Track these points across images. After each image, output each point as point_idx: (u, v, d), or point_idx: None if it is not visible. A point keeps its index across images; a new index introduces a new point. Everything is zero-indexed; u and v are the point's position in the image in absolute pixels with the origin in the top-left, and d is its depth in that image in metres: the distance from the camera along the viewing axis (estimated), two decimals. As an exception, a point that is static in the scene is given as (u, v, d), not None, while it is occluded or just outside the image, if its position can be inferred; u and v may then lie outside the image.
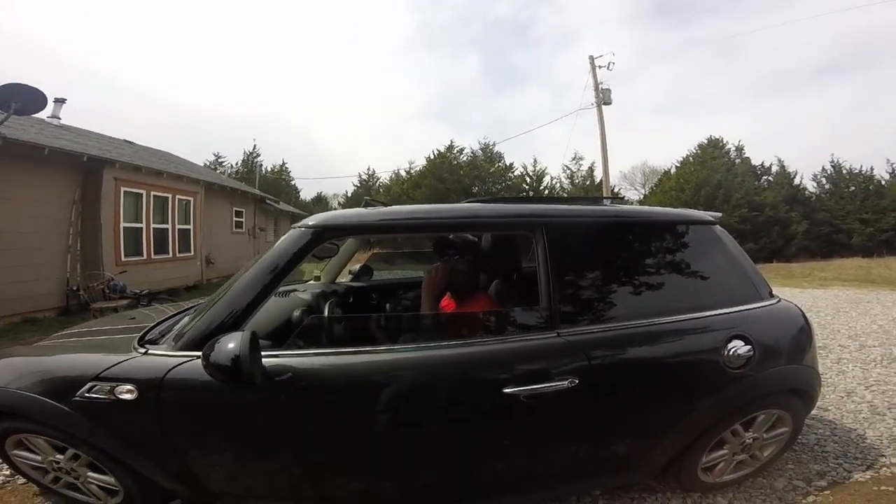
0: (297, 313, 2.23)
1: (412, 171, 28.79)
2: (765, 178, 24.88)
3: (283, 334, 1.77)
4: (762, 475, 2.06)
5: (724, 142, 25.94)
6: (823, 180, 25.31)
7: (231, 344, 1.29)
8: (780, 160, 25.07)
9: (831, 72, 60.39)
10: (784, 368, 1.81)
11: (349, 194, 33.00)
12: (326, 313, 2.13)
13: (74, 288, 7.06)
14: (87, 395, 1.50)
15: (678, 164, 26.87)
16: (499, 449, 1.61)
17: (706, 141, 26.19)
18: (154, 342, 1.68)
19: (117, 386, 1.48)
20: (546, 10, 64.92)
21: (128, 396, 1.47)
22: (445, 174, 26.42)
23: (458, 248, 2.01)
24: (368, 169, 34.41)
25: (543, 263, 1.65)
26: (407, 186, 27.35)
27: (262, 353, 1.40)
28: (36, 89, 6.12)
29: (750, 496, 1.96)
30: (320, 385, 1.50)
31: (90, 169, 7.34)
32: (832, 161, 25.13)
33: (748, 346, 1.69)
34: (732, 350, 1.68)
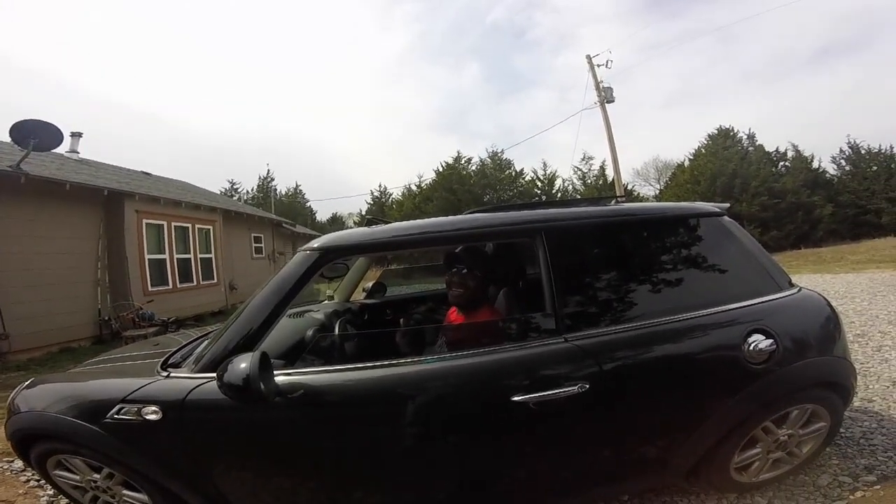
0: (310, 333, 2.29)
1: (422, 185, 29.02)
2: (781, 164, 24.24)
3: (297, 353, 1.82)
4: (803, 472, 1.97)
5: (735, 130, 25.39)
6: (843, 162, 24.51)
7: (242, 364, 1.35)
8: (794, 145, 24.45)
9: (837, 51, 58.68)
10: (812, 361, 1.72)
11: (363, 212, 33.39)
12: (336, 331, 2.20)
13: (106, 318, 7.35)
14: (115, 416, 1.57)
15: (691, 157, 26.44)
16: (513, 458, 1.61)
17: (716, 131, 25.67)
18: (176, 365, 1.76)
19: (143, 407, 1.55)
20: (541, 12, 65.11)
21: (153, 417, 1.54)
22: (455, 185, 26.54)
23: (466, 262, 2.02)
24: (380, 186, 34.80)
25: (546, 269, 1.65)
26: (418, 200, 27.53)
27: (276, 372, 1.44)
28: (52, 125, 6.43)
29: (791, 494, 1.87)
30: (331, 401, 1.54)
31: (111, 202, 7.66)
32: (849, 142, 24.35)
33: (770, 340, 1.62)
34: (753, 345, 1.61)
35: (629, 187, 26.83)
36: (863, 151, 23.90)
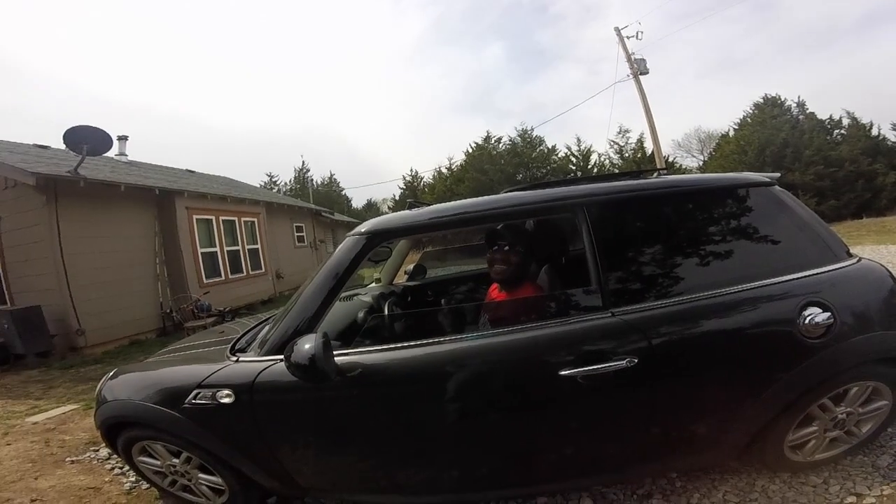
0: (361, 314, 2.40)
1: (453, 167, 28.90)
2: (837, 132, 22.40)
3: (351, 335, 1.92)
4: (862, 452, 1.90)
5: (783, 99, 23.64)
6: (905, 128, 22.35)
7: (307, 345, 1.44)
8: (850, 112, 22.46)
9: (880, 16, 53.03)
10: (873, 336, 1.63)
11: (396, 197, 33.68)
12: (386, 312, 2.29)
13: (168, 311, 7.86)
14: (193, 401, 1.69)
15: (735, 127, 24.90)
16: (561, 433, 1.63)
17: (762, 100, 23.98)
18: (243, 350, 1.88)
19: (217, 391, 1.67)
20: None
21: (227, 400, 1.65)
22: (486, 165, 26.25)
23: (508, 239, 2.03)
24: (411, 170, 34.95)
25: (589, 243, 1.65)
26: (450, 182, 27.44)
27: (334, 353, 1.53)
28: (101, 130, 6.83)
29: (849, 475, 1.81)
30: (387, 378, 1.62)
31: (163, 200, 8.12)
32: (911, 106, 22.06)
33: (827, 314, 1.56)
34: (809, 318, 1.55)
35: (670, 159, 25.60)
36: (928, 115, 21.64)
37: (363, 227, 1.80)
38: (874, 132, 21.91)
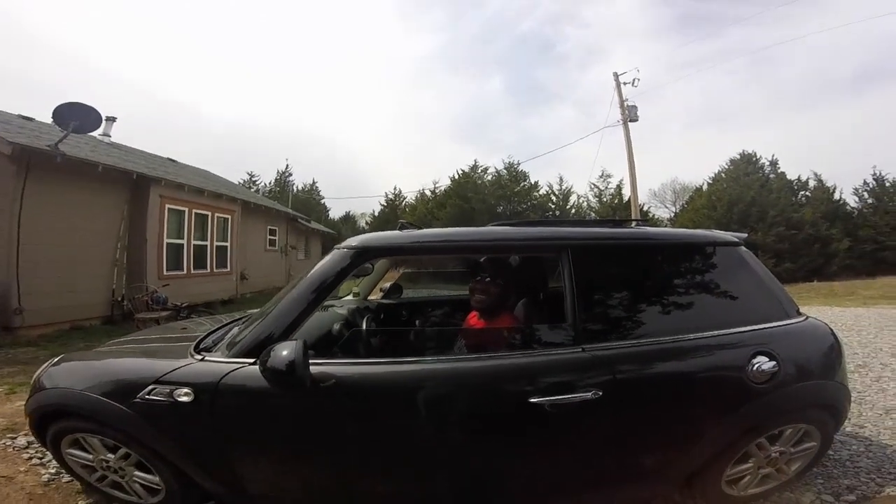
0: (336, 326, 2.36)
1: (437, 191, 29.20)
2: (802, 193, 23.97)
3: (325, 345, 1.89)
4: (789, 489, 2.06)
5: (758, 156, 25.18)
6: (866, 195, 24.07)
7: (285, 351, 1.43)
8: (817, 175, 24.14)
9: (871, 79, 57.85)
10: (811, 384, 1.83)
11: (376, 213, 33.59)
12: (364, 327, 2.26)
13: (119, 299, 7.46)
14: (146, 397, 1.62)
15: (710, 181, 26.25)
16: (524, 456, 1.68)
17: (738, 156, 25.45)
18: (208, 350, 1.81)
19: (175, 389, 1.60)
20: (571, 26, 65.14)
21: (185, 399, 1.59)
22: (470, 194, 26.67)
23: (490, 271, 2.12)
24: (395, 188, 35.06)
25: (569, 282, 1.74)
26: (432, 206, 27.70)
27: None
28: (93, 108, 6.67)
29: None
30: (361, 391, 1.61)
31: (138, 186, 7.84)
32: (874, 174, 23.90)
33: (773, 362, 1.72)
34: (757, 365, 1.71)
35: (644, 208, 26.64)
36: (888, 184, 23.43)
37: (354, 242, 1.81)
38: (836, 196, 23.47)
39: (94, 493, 2.02)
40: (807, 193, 23.91)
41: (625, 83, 16.02)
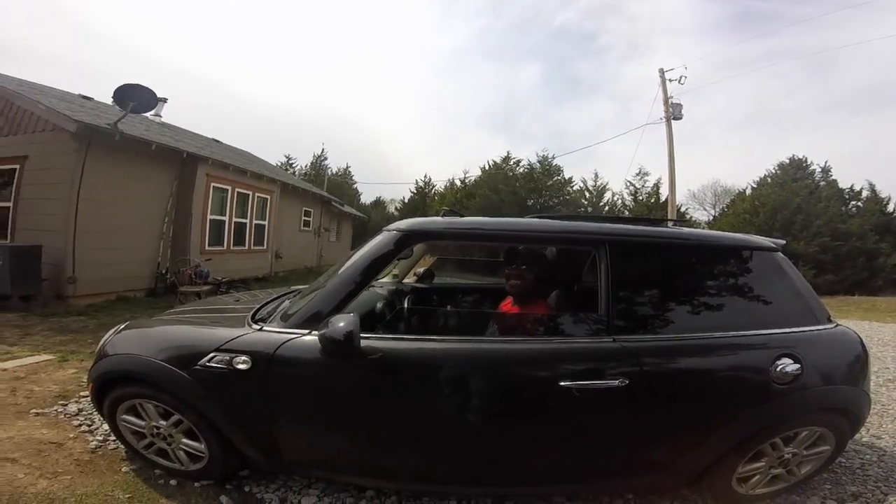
0: (379, 305, 2.49)
1: (466, 181, 29.10)
2: (853, 203, 22.66)
3: (369, 321, 2.01)
4: (796, 492, 2.10)
5: (808, 162, 23.89)
6: (922, 209, 22.58)
7: (342, 323, 1.56)
8: (871, 184, 22.74)
9: None
10: (833, 389, 1.87)
11: (405, 200, 33.82)
12: (406, 306, 2.37)
13: (163, 272, 7.85)
14: (207, 364, 1.71)
15: (754, 185, 25.16)
16: (549, 438, 1.78)
17: (787, 161, 24.26)
18: (263, 320, 1.93)
19: (235, 357, 1.71)
20: (616, 18, 62.94)
21: (242, 367, 1.69)
22: (500, 185, 26.44)
23: (526, 259, 2.19)
24: (425, 176, 35.12)
25: (605, 276, 1.81)
26: (461, 196, 27.64)
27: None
28: (150, 90, 7.02)
29: None
30: (404, 365, 1.73)
31: (186, 164, 8.22)
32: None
33: (797, 365, 1.77)
34: (781, 367, 1.76)
35: (682, 209, 25.81)
36: (945, 199, 21.89)
37: (402, 225, 1.91)
38: (889, 208, 22.06)
39: (138, 460, 2.11)
40: (858, 204, 22.57)
41: (670, 80, 15.49)
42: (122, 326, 2.16)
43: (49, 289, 6.15)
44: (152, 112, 9.91)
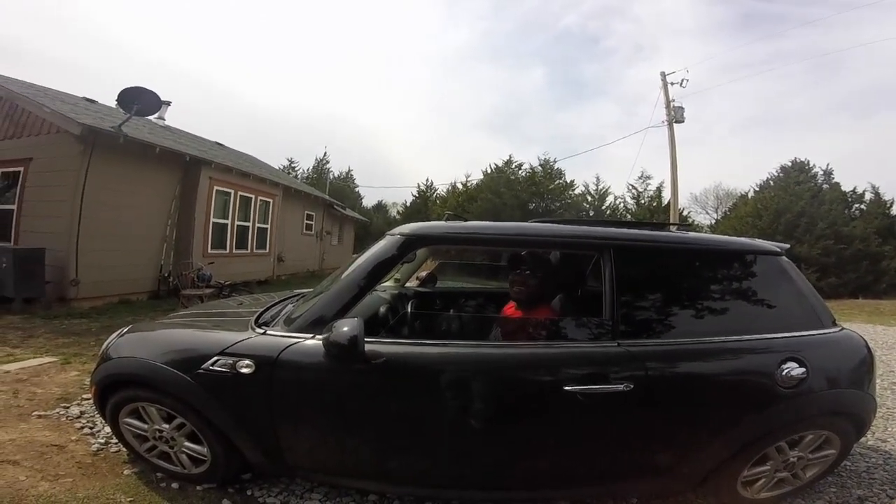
0: (382, 309, 2.48)
1: (468, 184, 29.12)
2: (856, 206, 22.56)
3: (372, 325, 1.99)
4: (802, 496, 2.09)
5: (811, 165, 23.83)
6: (927, 212, 22.46)
7: (346, 327, 1.55)
8: (875, 187, 22.63)
9: None
10: (838, 392, 1.86)
11: (407, 203, 33.86)
12: (409, 310, 2.36)
13: (166, 275, 7.86)
14: (211, 367, 1.71)
15: (757, 189, 25.13)
16: (553, 442, 1.77)
17: (790, 164, 24.20)
18: (267, 324, 1.92)
19: (238, 360, 1.70)
20: (619, 21, 62.66)
21: (246, 371, 1.69)
22: (502, 189, 26.45)
23: (530, 264, 2.18)
24: (427, 180, 35.14)
25: (609, 280, 1.80)
26: (462, 199, 27.64)
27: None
28: (154, 93, 7.07)
29: None
30: (407, 369, 1.72)
31: (190, 167, 8.26)
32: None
33: (802, 369, 1.76)
34: (786, 370, 1.75)
35: (685, 213, 25.74)
36: (951, 202, 21.78)
37: (406, 229, 1.91)
38: (893, 211, 21.92)
39: (140, 463, 2.10)
40: (861, 206, 22.47)
41: (672, 83, 15.50)
42: (126, 329, 2.16)
43: (52, 291, 6.18)
44: (156, 115, 9.96)
